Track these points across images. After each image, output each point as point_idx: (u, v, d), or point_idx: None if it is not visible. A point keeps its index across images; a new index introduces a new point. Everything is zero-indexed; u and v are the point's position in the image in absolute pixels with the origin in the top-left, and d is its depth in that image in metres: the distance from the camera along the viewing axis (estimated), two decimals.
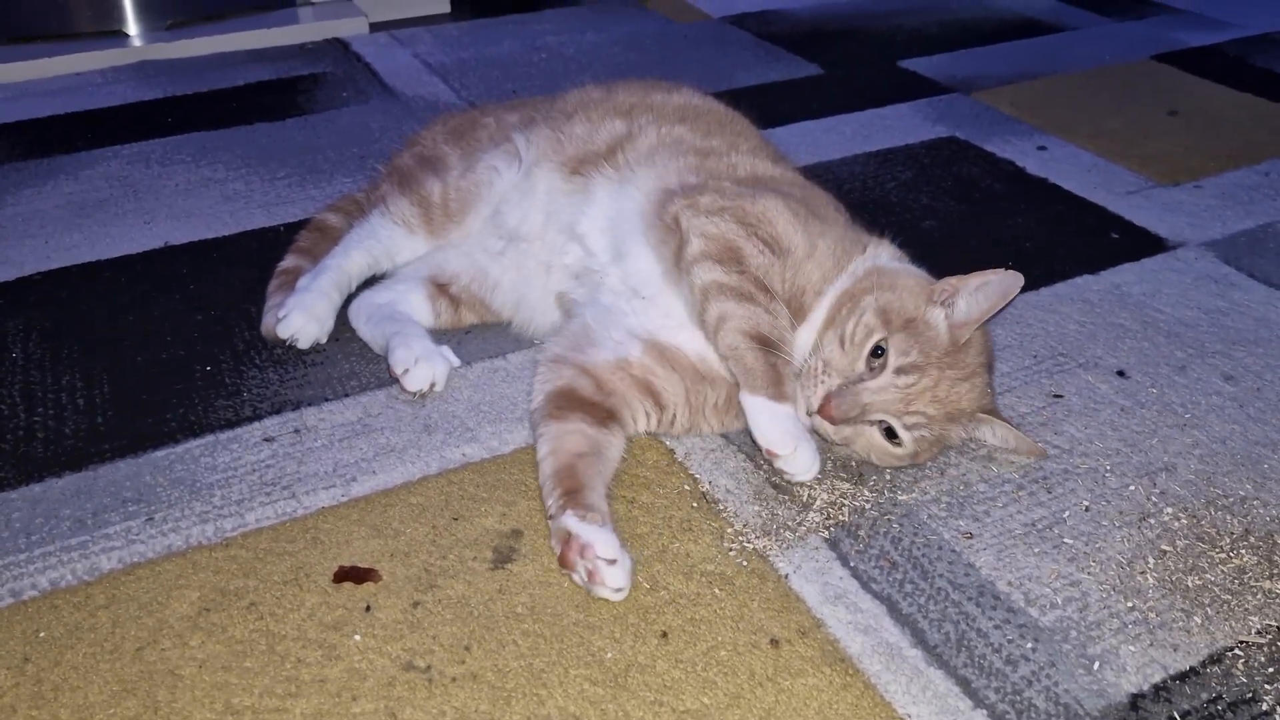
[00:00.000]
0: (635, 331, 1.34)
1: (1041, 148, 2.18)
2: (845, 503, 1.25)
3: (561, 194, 1.45)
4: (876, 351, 1.20)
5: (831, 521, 1.22)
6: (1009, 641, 1.08)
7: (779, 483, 1.27)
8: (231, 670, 1.03)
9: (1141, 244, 1.83)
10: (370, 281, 1.56)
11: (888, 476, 1.29)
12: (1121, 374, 1.49)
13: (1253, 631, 1.09)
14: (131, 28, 2.76)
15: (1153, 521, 1.23)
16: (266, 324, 1.52)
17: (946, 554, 1.18)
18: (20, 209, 1.93)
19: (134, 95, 2.45)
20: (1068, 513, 1.24)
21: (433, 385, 1.41)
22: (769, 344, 1.21)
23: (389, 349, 1.42)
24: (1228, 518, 1.24)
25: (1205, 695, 1.03)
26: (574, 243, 1.42)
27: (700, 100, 1.58)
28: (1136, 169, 2.10)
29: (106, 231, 1.84)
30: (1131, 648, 1.07)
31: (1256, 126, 2.29)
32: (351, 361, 1.49)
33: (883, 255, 1.32)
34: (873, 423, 1.21)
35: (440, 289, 1.54)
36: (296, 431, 1.36)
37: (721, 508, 1.24)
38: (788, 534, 1.20)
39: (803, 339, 1.26)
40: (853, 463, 1.30)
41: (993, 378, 1.29)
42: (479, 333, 1.56)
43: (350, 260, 1.52)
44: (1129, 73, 2.60)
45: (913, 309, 1.22)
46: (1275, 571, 1.16)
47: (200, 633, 1.07)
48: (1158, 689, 1.03)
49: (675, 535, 1.20)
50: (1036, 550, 1.19)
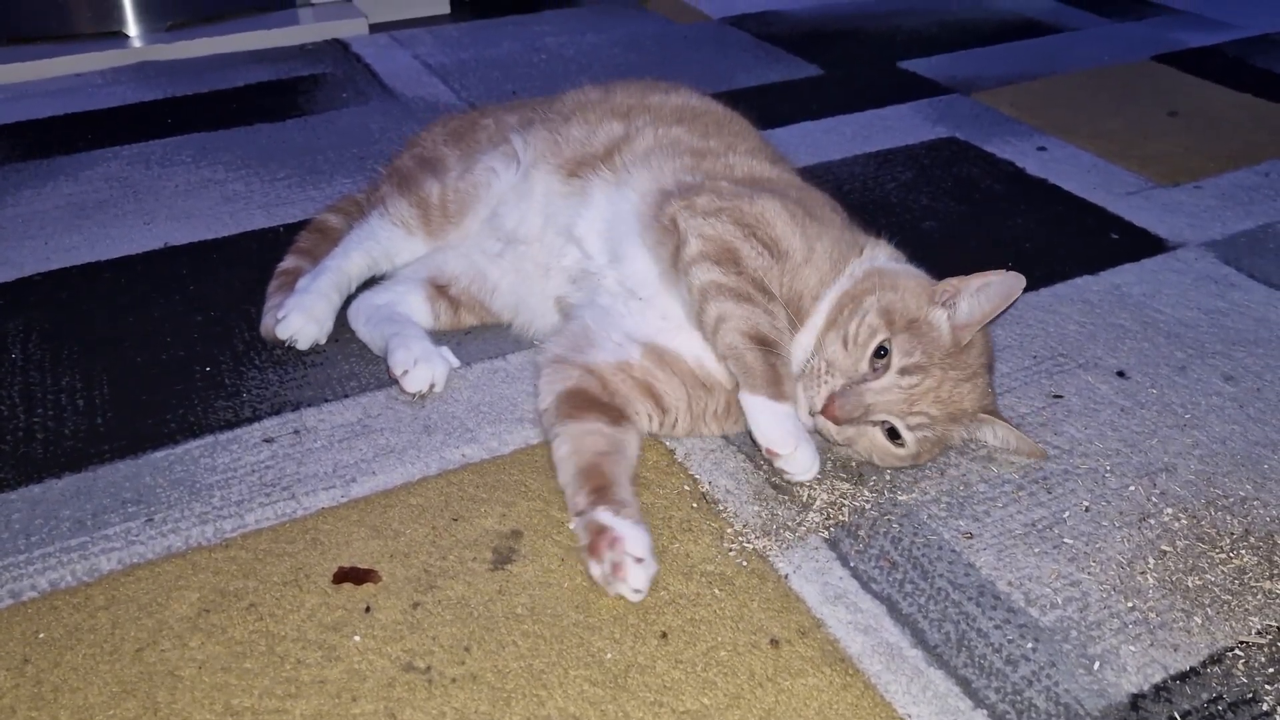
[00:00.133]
0: (633, 334, 1.34)
1: (1041, 148, 2.18)
2: (845, 503, 1.25)
3: (559, 196, 1.45)
4: (880, 352, 1.20)
5: (831, 521, 1.22)
6: (1009, 641, 1.08)
7: (779, 483, 1.27)
8: (231, 671, 1.03)
9: (1141, 244, 1.83)
10: (370, 283, 1.56)
11: (887, 477, 1.29)
12: (1121, 374, 1.49)
13: (1253, 632, 1.09)
14: (131, 28, 2.76)
15: (1153, 522, 1.23)
16: (266, 325, 1.52)
17: (947, 554, 1.18)
18: (20, 210, 1.93)
19: (134, 96, 2.45)
20: (1068, 513, 1.24)
21: (432, 386, 1.41)
22: (768, 344, 1.21)
23: (388, 350, 1.42)
24: (1228, 518, 1.24)
25: (1206, 695, 1.03)
26: (571, 245, 1.42)
27: (698, 101, 1.58)
28: (1136, 169, 2.10)
29: (106, 232, 1.84)
30: (1132, 648, 1.07)
31: (1256, 127, 2.29)
32: (351, 362, 1.49)
33: (881, 256, 1.32)
34: (875, 423, 1.21)
35: (439, 290, 1.54)
36: (296, 432, 1.36)
37: (721, 508, 1.24)
38: (788, 534, 1.20)
39: (803, 341, 1.26)
40: (853, 463, 1.30)
41: (993, 378, 1.29)
42: (478, 334, 1.56)
43: (349, 261, 1.53)
44: (1129, 73, 2.60)
45: (915, 309, 1.22)
46: (1275, 572, 1.16)
47: (200, 634, 1.07)
48: (1158, 689, 1.03)
49: (675, 535, 1.20)
50: (1037, 550, 1.19)
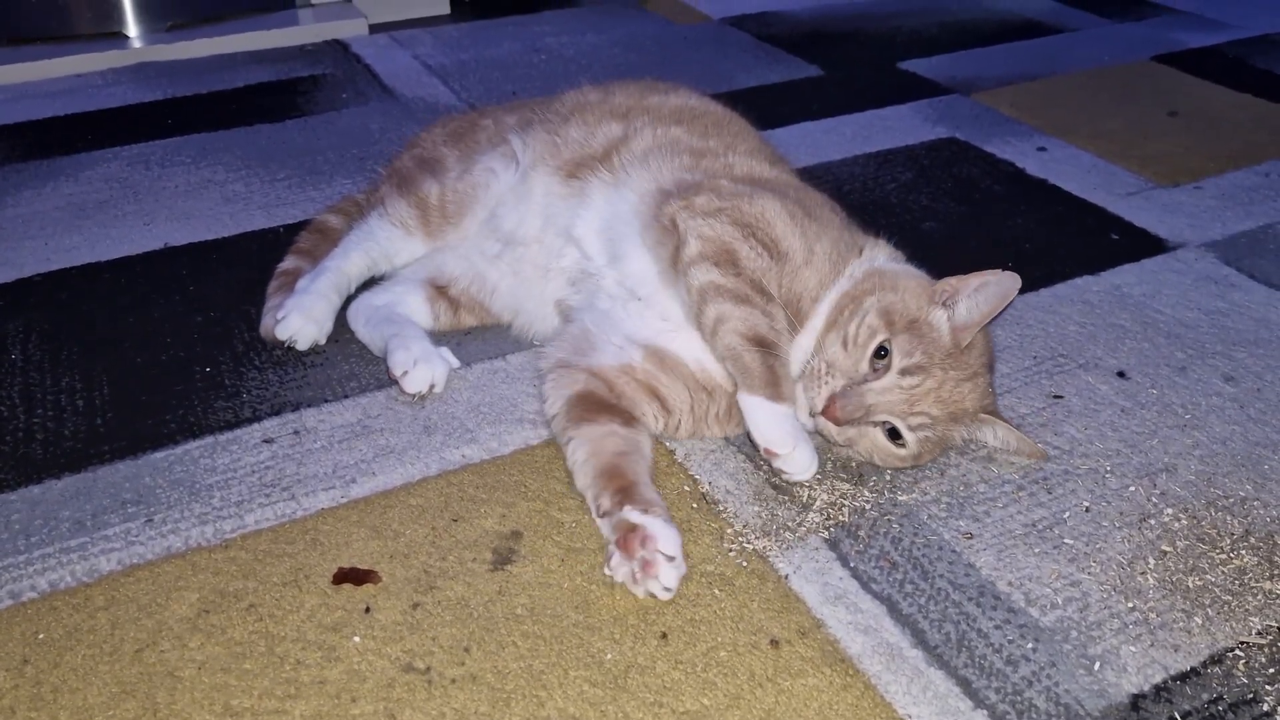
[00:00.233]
0: (634, 337, 1.34)
1: (1041, 149, 2.18)
2: (845, 503, 1.25)
3: (558, 197, 1.45)
4: (880, 353, 1.20)
5: (831, 522, 1.22)
6: (1009, 642, 1.08)
7: (779, 483, 1.27)
8: (231, 672, 1.03)
9: (1141, 245, 1.83)
10: (370, 283, 1.56)
11: (887, 477, 1.29)
12: (1122, 375, 1.49)
13: (1253, 632, 1.09)
14: (131, 29, 2.76)
15: (1153, 522, 1.23)
16: (265, 325, 1.52)
17: (947, 554, 1.18)
18: (20, 210, 1.93)
19: (134, 97, 2.45)
20: (1068, 513, 1.24)
21: (432, 387, 1.41)
22: (766, 345, 1.21)
23: (388, 351, 1.42)
24: (1228, 518, 1.24)
25: (1206, 696, 1.02)
26: (571, 246, 1.42)
27: (697, 101, 1.58)
28: (1136, 170, 2.10)
29: (106, 233, 1.84)
30: (1132, 648, 1.07)
31: (1256, 127, 2.29)
32: (351, 363, 1.49)
33: (880, 256, 1.32)
34: (876, 424, 1.21)
35: (439, 291, 1.54)
36: (296, 433, 1.36)
37: (721, 508, 1.24)
38: (788, 534, 1.20)
39: (803, 343, 1.26)
40: (853, 463, 1.30)
41: (994, 379, 1.29)
42: (478, 334, 1.56)
43: (349, 262, 1.53)
44: (1129, 74, 2.60)
45: (915, 310, 1.22)
46: (1276, 572, 1.16)
47: (199, 634, 1.07)
48: (1158, 689, 1.03)
49: None
50: (1037, 551, 1.19)
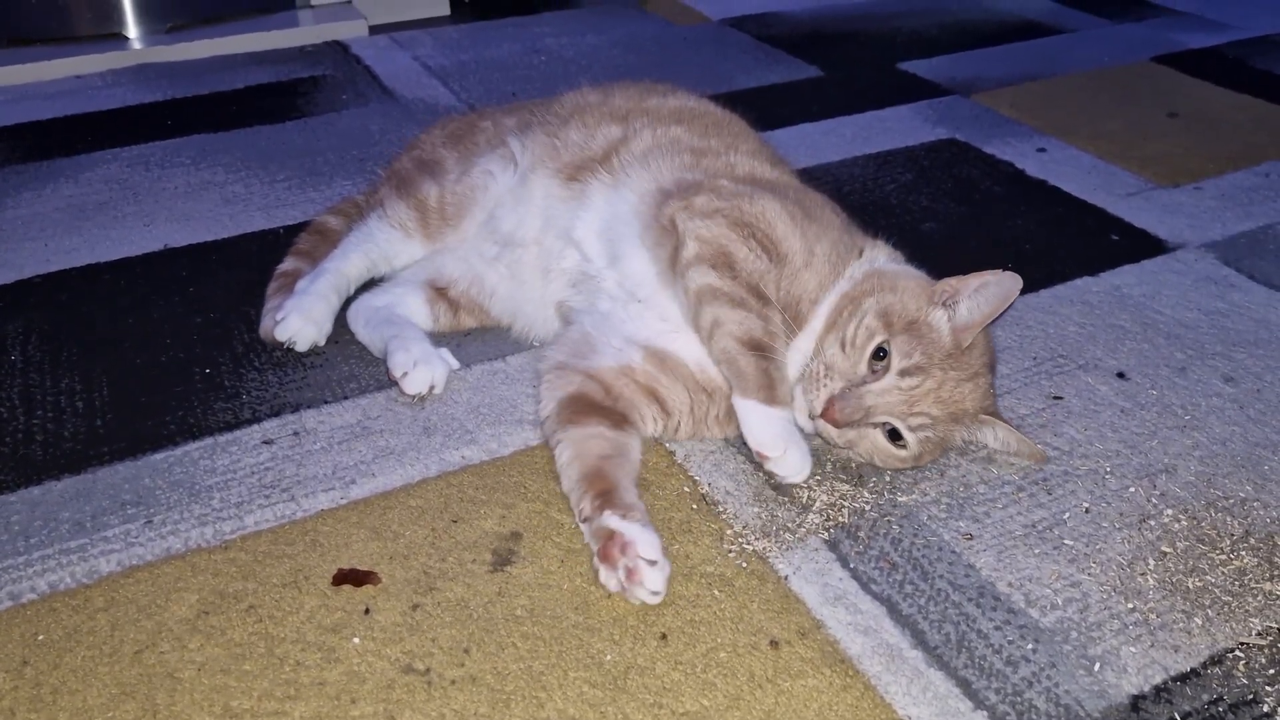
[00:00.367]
0: (634, 338, 1.34)
1: (1041, 149, 2.18)
2: (845, 504, 1.25)
3: (559, 199, 1.45)
4: (879, 354, 1.20)
5: (831, 523, 1.22)
6: (1009, 643, 1.08)
7: (778, 485, 1.27)
8: (230, 673, 1.03)
9: (1141, 246, 1.83)
10: (369, 284, 1.56)
11: (887, 478, 1.29)
12: (1121, 376, 1.49)
13: (1253, 633, 1.09)
14: (131, 30, 2.76)
15: (1153, 523, 1.23)
16: (265, 326, 1.52)
17: (947, 555, 1.18)
18: (20, 212, 1.93)
19: (134, 98, 2.45)
20: (1068, 514, 1.24)
21: (432, 388, 1.41)
22: (762, 349, 1.21)
23: (388, 352, 1.42)
24: (1228, 519, 1.24)
25: (1206, 696, 1.02)
26: (571, 248, 1.42)
27: (696, 103, 1.58)
28: (1136, 171, 2.10)
29: (106, 234, 1.84)
30: (1132, 649, 1.07)
31: (1256, 128, 2.29)
32: (350, 364, 1.49)
33: (880, 257, 1.32)
34: (876, 425, 1.21)
35: (439, 293, 1.54)
36: (295, 434, 1.36)
37: (721, 509, 1.24)
38: (787, 535, 1.20)
39: (801, 346, 1.26)
40: (852, 464, 1.30)
41: (994, 380, 1.29)
42: (478, 335, 1.56)
43: (348, 263, 1.53)
44: (1129, 74, 2.60)
45: (914, 310, 1.22)
46: (1276, 573, 1.16)
47: (199, 635, 1.07)
48: (1159, 690, 1.03)
49: (675, 537, 1.20)
50: (1037, 551, 1.19)
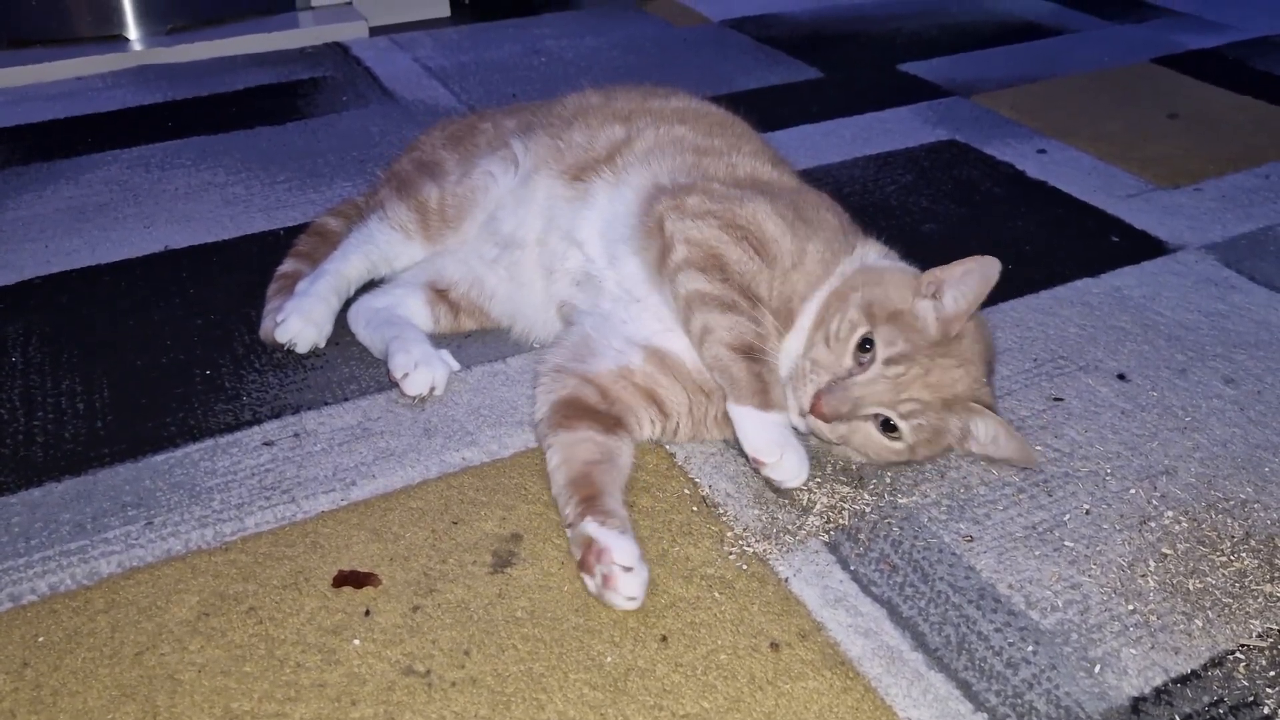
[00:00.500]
0: (634, 339, 1.34)
1: (1041, 151, 2.18)
2: (845, 506, 1.25)
3: (562, 200, 1.45)
4: (865, 346, 1.19)
5: (832, 525, 1.22)
6: (1010, 644, 1.08)
7: (778, 488, 1.27)
8: (231, 675, 1.03)
9: (1142, 247, 1.83)
10: (370, 286, 1.56)
11: (888, 480, 1.29)
12: (1122, 377, 1.49)
13: (1254, 635, 1.09)
14: (132, 32, 2.76)
15: (1153, 525, 1.23)
16: (265, 328, 1.52)
17: (947, 557, 1.18)
18: (20, 213, 1.93)
19: (134, 99, 2.45)
20: (1068, 516, 1.24)
21: (432, 389, 1.41)
22: (754, 352, 1.21)
23: (388, 353, 1.42)
24: (1228, 521, 1.24)
25: (1207, 698, 1.02)
26: (574, 248, 1.42)
27: (698, 104, 1.58)
28: (1136, 172, 2.10)
29: (106, 236, 1.84)
30: (1132, 651, 1.07)
31: (1256, 129, 2.29)
32: (351, 365, 1.49)
33: (871, 255, 1.31)
34: (867, 417, 1.20)
35: (439, 294, 1.54)
36: (296, 435, 1.36)
37: (721, 511, 1.24)
38: (788, 537, 1.20)
39: (792, 345, 1.26)
40: (853, 466, 1.30)
41: (993, 380, 1.29)
42: (478, 337, 1.56)
43: (348, 265, 1.53)
44: (1129, 76, 2.60)
45: (899, 302, 1.21)
46: (1276, 575, 1.16)
47: (199, 637, 1.07)
48: (1159, 692, 1.03)
49: (675, 539, 1.20)
50: (1037, 553, 1.19)
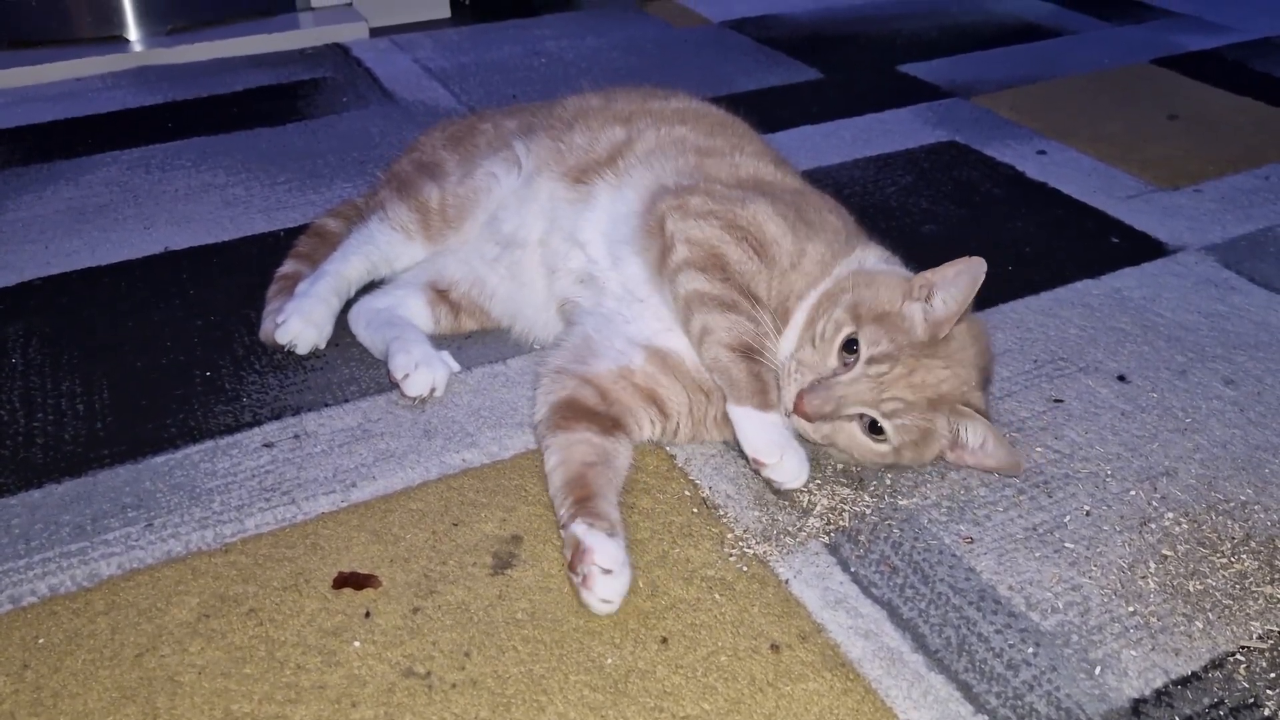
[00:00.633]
0: (635, 339, 1.34)
1: (1041, 152, 2.18)
2: (846, 508, 1.25)
3: (564, 201, 1.45)
4: (850, 347, 1.19)
5: (832, 527, 1.22)
6: (1010, 646, 1.08)
7: (779, 490, 1.27)
8: (231, 676, 1.03)
9: (1141, 248, 1.83)
10: (370, 287, 1.56)
11: (888, 481, 1.29)
12: (1122, 378, 1.49)
13: (1254, 636, 1.09)
14: (132, 33, 2.76)
15: (1154, 526, 1.23)
16: (265, 329, 1.52)
17: (947, 558, 1.18)
18: (21, 214, 1.93)
19: (134, 100, 2.45)
20: (1068, 517, 1.24)
21: (433, 390, 1.41)
22: (753, 352, 1.21)
23: (389, 354, 1.42)
24: (1229, 522, 1.24)
25: (1207, 700, 1.02)
26: (576, 249, 1.42)
27: (698, 105, 1.58)
28: (1136, 173, 2.10)
29: (106, 237, 1.84)
30: (1133, 652, 1.07)
31: (1256, 131, 2.29)
32: (351, 367, 1.49)
33: (869, 258, 1.31)
34: (851, 417, 1.20)
35: (440, 295, 1.54)
36: (296, 437, 1.36)
37: (722, 513, 1.24)
38: (788, 539, 1.20)
39: (785, 343, 1.26)
40: (853, 468, 1.30)
41: (989, 388, 1.28)
42: (479, 338, 1.56)
43: (349, 266, 1.53)
44: (1129, 77, 2.61)
45: (887, 303, 1.21)
46: (1277, 576, 1.16)
47: (200, 639, 1.07)
48: (1159, 694, 1.03)
49: (675, 541, 1.20)
50: (1037, 555, 1.19)
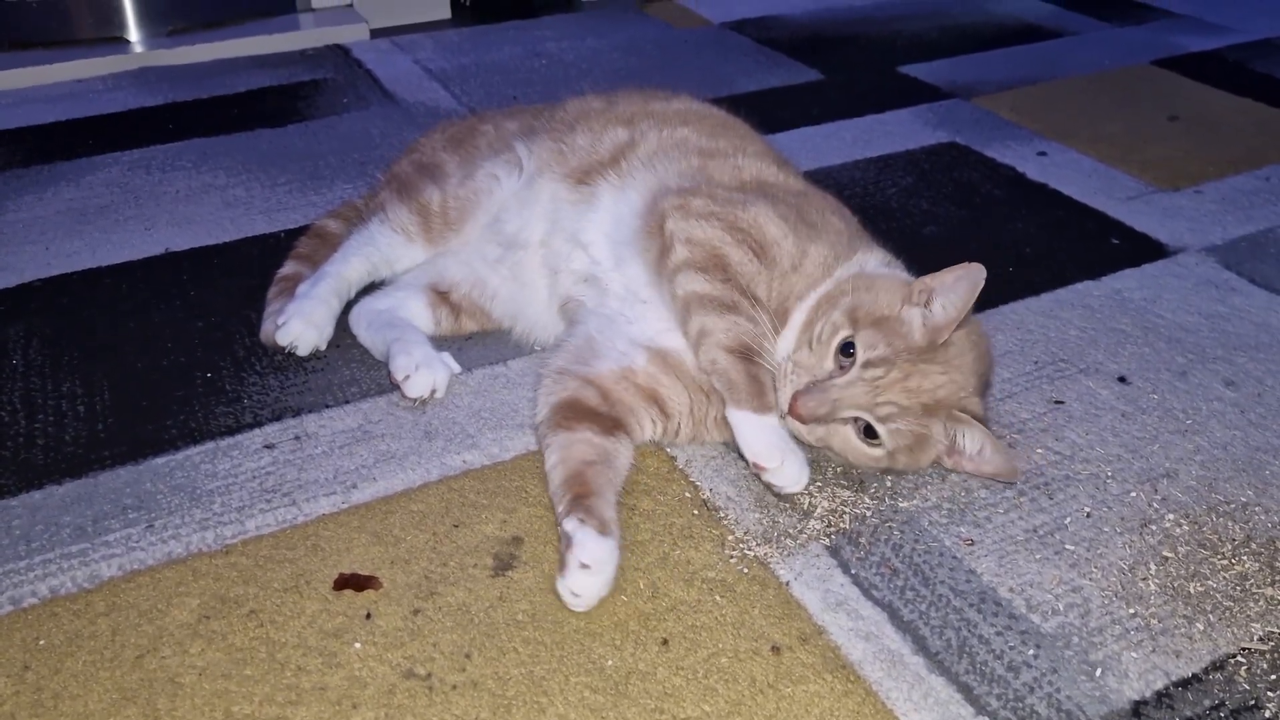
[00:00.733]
0: (638, 339, 1.34)
1: (1041, 153, 2.18)
2: (846, 510, 1.25)
3: (567, 203, 1.45)
4: (847, 350, 1.19)
5: (832, 529, 1.22)
6: (1011, 648, 1.08)
7: (779, 492, 1.27)
8: (231, 678, 1.03)
9: (1142, 249, 1.83)
10: (371, 288, 1.56)
11: (889, 483, 1.29)
12: (1122, 379, 1.49)
13: (1255, 638, 1.09)
14: (133, 34, 2.76)
15: (1154, 528, 1.23)
16: (266, 331, 1.53)
17: (948, 560, 1.18)
18: (21, 215, 1.93)
19: (135, 101, 2.45)
20: (1069, 519, 1.24)
21: (433, 392, 1.41)
22: (752, 353, 1.21)
23: (389, 355, 1.42)
24: (1229, 524, 1.24)
25: (1208, 702, 1.02)
26: (579, 250, 1.42)
27: (699, 106, 1.59)
28: (1137, 174, 2.10)
29: (107, 238, 1.84)
30: (1134, 654, 1.07)
31: (1257, 132, 2.29)
32: (352, 368, 1.49)
33: (871, 262, 1.31)
34: (845, 420, 1.20)
35: (441, 296, 1.54)
36: (297, 438, 1.36)
37: (722, 515, 1.24)
38: (789, 541, 1.20)
39: (783, 344, 1.25)
40: (853, 470, 1.30)
41: (988, 394, 1.28)
42: (480, 339, 1.56)
43: (349, 267, 1.53)
44: (1129, 78, 2.61)
45: (886, 308, 1.20)
46: (1277, 578, 1.16)
47: (200, 640, 1.07)
48: (1160, 695, 1.03)
49: (676, 542, 1.20)
50: (1038, 556, 1.19)
